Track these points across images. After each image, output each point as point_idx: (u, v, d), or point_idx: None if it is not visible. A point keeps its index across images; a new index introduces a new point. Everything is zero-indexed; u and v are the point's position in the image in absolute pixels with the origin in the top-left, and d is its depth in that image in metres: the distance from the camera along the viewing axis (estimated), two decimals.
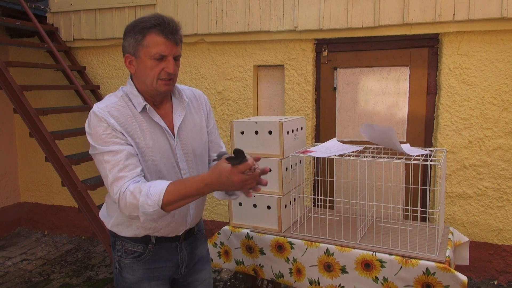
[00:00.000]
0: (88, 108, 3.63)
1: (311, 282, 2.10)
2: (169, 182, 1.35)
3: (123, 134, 1.41)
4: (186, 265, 1.67)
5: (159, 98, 1.52)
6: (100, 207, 3.28)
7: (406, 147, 2.17)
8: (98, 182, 3.36)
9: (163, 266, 1.60)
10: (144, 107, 1.47)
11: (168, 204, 1.32)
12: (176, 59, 1.46)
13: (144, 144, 1.45)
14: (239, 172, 1.24)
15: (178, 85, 1.64)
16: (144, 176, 1.44)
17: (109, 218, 1.60)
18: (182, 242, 1.64)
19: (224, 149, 1.74)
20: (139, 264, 1.56)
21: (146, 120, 1.47)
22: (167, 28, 1.39)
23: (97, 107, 1.44)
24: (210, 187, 1.30)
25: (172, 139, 1.52)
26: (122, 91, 1.51)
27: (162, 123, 1.50)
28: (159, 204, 1.31)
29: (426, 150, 2.12)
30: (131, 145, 1.42)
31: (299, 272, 2.14)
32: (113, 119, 1.40)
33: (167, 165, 1.51)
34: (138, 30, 1.39)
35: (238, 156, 1.22)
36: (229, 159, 1.25)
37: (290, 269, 2.17)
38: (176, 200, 1.32)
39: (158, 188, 1.32)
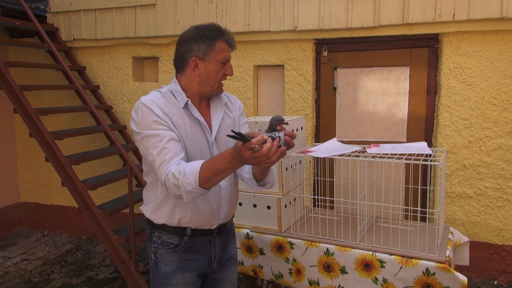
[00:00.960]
0: (88, 108, 3.64)
1: (310, 283, 2.10)
2: (203, 161, 1.44)
3: (167, 122, 1.51)
4: (218, 261, 1.74)
5: (205, 98, 1.67)
6: (100, 207, 3.29)
7: (419, 145, 2.17)
8: (98, 182, 3.36)
9: (197, 259, 1.67)
10: (186, 103, 1.58)
11: (205, 181, 1.41)
12: None
13: (185, 136, 1.56)
14: (246, 149, 1.33)
15: None
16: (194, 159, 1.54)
17: (146, 206, 1.69)
18: (216, 237, 1.70)
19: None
20: (174, 255, 1.64)
21: (188, 115, 1.59)
22: (230, 38, 1.62)
23: (144, 98, 1.55)
24: (236, 160, 1.38)
25: (210, 135, 1.63)
26: (167, 88, 1.62)
27: (201, 118, 1.61)
28: (196, 182, 1.40)
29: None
30: (175, 132, 1.52)
31: (298, 272, 2.14)
32: (159, 109, 1.51)
33: (203, 150, 1.61)
34: (211, 37, 1.55)
35: (239, 137, 1.32)
36: (237, 137, 1.35)
37: (290, 269, 2.17)
38: (211, 177, 1.41)
39: (194, 167, 1.41)
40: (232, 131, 1.32)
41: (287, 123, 1.46)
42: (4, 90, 3.35)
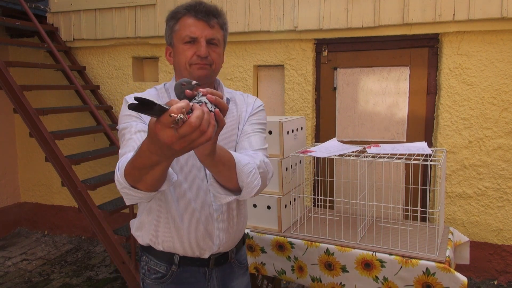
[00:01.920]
0: (88, 108, 3.64)
1: (313, 279, 2.11)
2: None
3: (142, 116, 1.27)
4: None
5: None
6: (100, 207, 3.29)
7: (418, 145, 2.17)
8: (98, 182, 3.36)
9: None
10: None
11: (133, 179, 1.05)
12: (211, 42, 1.31)
13: None
14: (166, 126, 0.85)
15: (229, 89, 1.50)
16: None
17: (133, 220, 1.49)
18: (213, 269, 1.43)
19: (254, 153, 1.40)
20: (162, 287, 1.40)
21: None
22: (197, 8, 1.28)
23: (130, 95, 1.32)
24: (155, 150, 0.93)
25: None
26: (163, 85, 1.43)
27: None
28: (123, 180, 1.07)
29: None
30: (144, 123, 1.27)
31: (301, 269, 2.15)
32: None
33: (189, 159, 1.32)
34: (171, 16, 1.33)
35: (147, 106, 0.81)
36: (144, 108, 0.82)
37: (292, 266, 2.18)
38: (136, 174, 1.04)
39: (124, 161, 1.09)
40: (135, 97, 0.81)
41: (198, 84, 1.02)
42: (4, 90, 3.35)
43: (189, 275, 1.39)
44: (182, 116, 0.83)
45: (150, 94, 1.37)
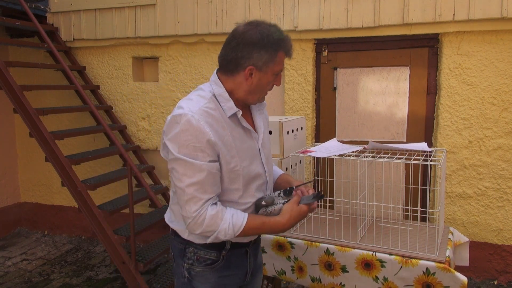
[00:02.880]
0: (88, 108, 3.64)
1: (313, 280, 2.11)
2: (246, 215, 1.41)
3: (215, 148, 1.36)
4: (251, 272, 1.64)
5: (247, 105, 1.55)
6: (100, 207, 3.29)
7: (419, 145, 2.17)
8: (98, 182, 3.36)
9: (234, 274, 1.56)
10: (235, 113, 1.44)
11: (241, 235, 1.41)
12: None
13: (236, 150, 1.42)
14: (310, 210, 1.47)
15: None
16: (231, 183, 1.44)
17: (179, 224, 1.54)
18: (251, 247, 1.61)
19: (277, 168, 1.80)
20: (212, 272, 1.51)
21: (235, 125, 1.45)
22: (290, 47, 1.45)
23: (190, 111, 1.34)
24: (283, 230, 1.45)
25: (257, 142, 1.53)
26: (209, 91, 1.44)
27: (249, 127, 1.49)
28: (235, 235, 1.39)
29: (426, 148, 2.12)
30: (216, 161, 1.37)
31: (300, 269, 2.15)
32: (208, 128, 1.34)
33: (256, 168, 1.50)
34: (274, 47, 1.40)
35: (315, 196, 1.49)
36: (306, 201, 1.49)
37: (292, 266, 2.17)
38: (250, 234, 1.45)
39: (239, 220, 1.39)
40: (315, 195, 1.49)
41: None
42: (4, 90, 3.35)
43: (235, 258, 1.55)
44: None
45: (205, 111, 1.38)
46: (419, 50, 3.22)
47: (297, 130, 2.34)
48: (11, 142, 4.59)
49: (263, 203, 1.46)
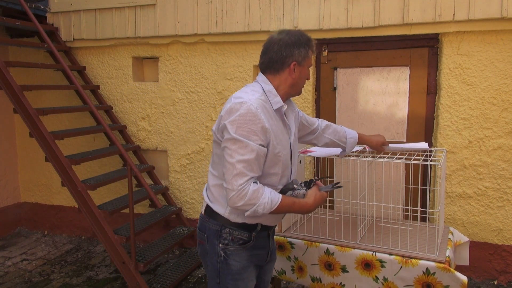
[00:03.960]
0: (88, 108, 3.64)
1: (313, 279, 2.11)
2: (281, 195, 1.63)
3: (266, 134, 1.59)
4: (271, 253, 1.88)
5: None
6: (100, 207, 3.29)
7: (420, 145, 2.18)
8: (98, 182, 3.36)
9: (260, 253, 1.79)
10: (280, 107, 1.69)
11: (275, 212, 1.63)
12: None
13: (276, 138, 1.65)
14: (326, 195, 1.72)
15: None
16: (272, 167, 1.66)
17: (218, 205, 1.73)
18: (272, 231, 1.85)
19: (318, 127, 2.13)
20: (244, 251, 1.72)
21: (278, 118, 1.70)
22: (315, 47, 1.76)
23: (249, 100, 1.58)
24: (307, 211, 1.70)
25: (290, 137, 1.77)
26: (261, 87, 1.71)
27: (289, 123, 1.77)
28: (271, 210, 1.59)
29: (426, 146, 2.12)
30: (265, 147, 1.60)
31: (301, 269, 2.15)
32: (263, 116, 1.59)
33: (288, 159, 1.73)
34: (309, 45, 1.70)
35: (333, 185, 1.73)
36: (325, 189, 1.73)
37: (292, 266, 2.18)
38: (280, 212, 1.66)
39: (275, 197, 1.61)
40: (331, 185, 1.73)
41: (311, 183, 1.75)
42: (4, 90, 3.35)
43: (261, 238, 1.77)
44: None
45: (261, 103, 1.63)
46: (419, 50, 3.22)
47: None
48: (11, 142, 4.59)
49: (294, 186, 1.70)
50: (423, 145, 2.25)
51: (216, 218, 1.72)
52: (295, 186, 1.71)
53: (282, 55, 1.67)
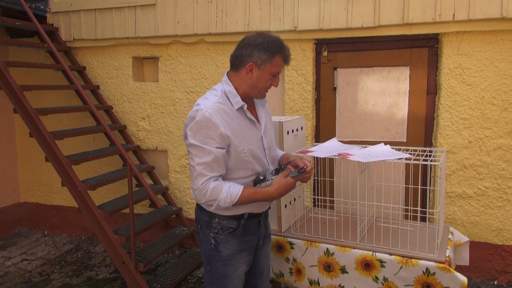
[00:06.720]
0: (88, 108, 3.64)
1: (311, 282, 2.10)
2: (242, 186, 1.71)
3: (223, 138, 1.67)
4: (263, 238, 1.96)
5: (251, 100, 1.87)
6: (100, 207, 3.29)
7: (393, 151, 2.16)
8: (98, 182, 3.36)
9: (251, 239, 1.88)
10: (241, 107, 1.76)
11: (238, 204, 1.72)
12: None
13: (242, 137, 1.74)
14: (303, 181, 1.79)
15: None
16: (241, 162, 1.75)
17: None
18: (262, 218, 1.93)
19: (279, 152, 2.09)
20: (233, 238, 1.83)
21: (242, 116, 1.77)
22: (288, 56, 1.80)
23: (205, 106, 1.68)
24: (272, 198, 1.76)
25: (260, 131, 1.84)
26: (220, 90, 1.77)
27: (253, 118, 1.81)
28: (233, 203, 1.70)
29: (417, 151, 2.12)
30: (224, 148, 1.69)
31: (299, 272, 2.14)
32: (219, 120, 1.67)
33: (260, 152, 1.82)
34: (273, 50, 1.72)
35: (299, 171, 1.77)
36: (292, 174, 1.77)
37: (290, 269, 2.17)
38: (245, 203, 1.74)
39: (235, 190, 1.70)
40: (297, 170, 1.77)
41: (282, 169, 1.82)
42: (4, 90, 3.35)
43: (251, 226, 1.87)
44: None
45: (217, 107, 1.70)
46: (419, 50, 3.22)
47: (297, 130, 2.34)
48: (11, 142, 4.59)
49: (260, 177, 1.78)
50: (384, 147, 2.11)
51: (206, 210, 1.83)
52: (261, 177, 1.79)
53: (242, 54, 1.74)
